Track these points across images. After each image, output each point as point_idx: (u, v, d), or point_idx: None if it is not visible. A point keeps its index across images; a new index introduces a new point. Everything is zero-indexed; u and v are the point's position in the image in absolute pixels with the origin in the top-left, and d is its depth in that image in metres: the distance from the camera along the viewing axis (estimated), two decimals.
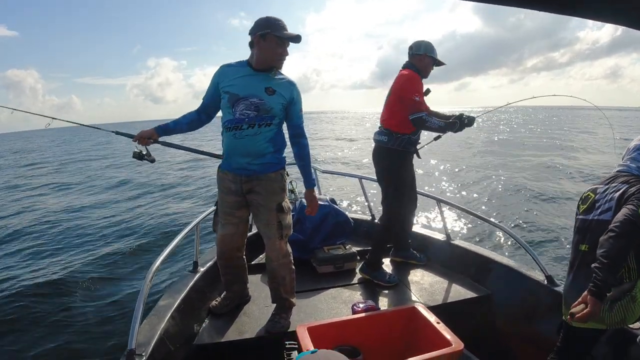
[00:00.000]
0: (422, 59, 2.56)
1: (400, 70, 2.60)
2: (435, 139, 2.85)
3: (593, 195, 1.60)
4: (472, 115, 2.50)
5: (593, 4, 0.56)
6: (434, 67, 2.64)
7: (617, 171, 1.62)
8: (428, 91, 2.60)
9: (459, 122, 2.45)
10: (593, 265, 1.31)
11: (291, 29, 1.90)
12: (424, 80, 2.58)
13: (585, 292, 1.31)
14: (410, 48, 2.61)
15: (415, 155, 2.68)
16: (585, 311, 1.27)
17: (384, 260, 2.91)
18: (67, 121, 2.71)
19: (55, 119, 2.55)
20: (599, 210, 1.53)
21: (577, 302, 1.33)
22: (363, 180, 3.68)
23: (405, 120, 2.48)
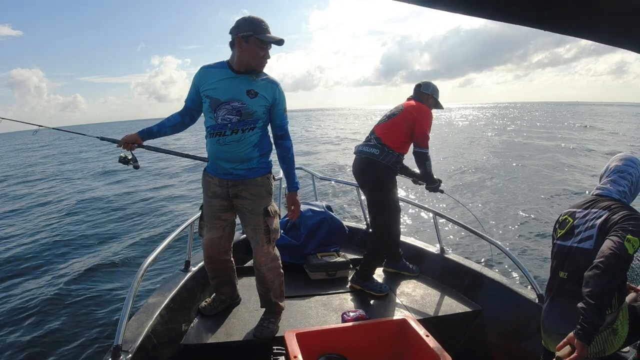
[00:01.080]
0: (428, 99, 2.73)
1: (410, 99, 2.75)
2: (413, 181, 2.90)
3: (571, 220, 1.53)
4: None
5: (590, 27, 0.57)
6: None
7: (596, 195, 1.55)
8: None
9: (438, 184, 2.76)
10: (579, 305, 1.25)
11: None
12: None
13: (572, 334, 1.25)
14: (419, 85, 2.77)
15: None
16: (572, 356, 1.21)
17: (376, 271, 2.92)
18: (53, 128, 2.79)
19: (42, 126, 2.64)
20: (579, 238, 1.47)
21: (562, 342, 1.27)
22: (359, 188, 3.68)
23: (406, 143, 2.62)
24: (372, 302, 2.48)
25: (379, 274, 2.85)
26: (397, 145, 2.58)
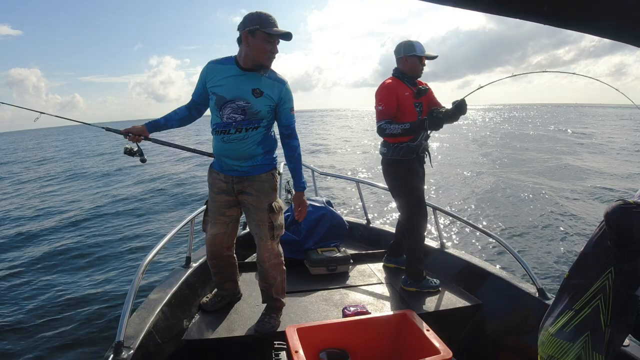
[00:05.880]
0: (405, 61, 2.43)
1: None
2: (425, 139, 2.52)
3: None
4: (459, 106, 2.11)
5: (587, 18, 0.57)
6: (426, 62, 2.48)
7: None
8: (421, 91, 2.45)
9: (429, 119, 2.17)
10: None
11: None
12: (422, 79, 2.49)
13: None
14: (394, 54, 2.49)
15: (427, 162, 2.59)
16: None
17: (374, 265, 2.93)
18: (56, 116, 2.64)
19: (43, 113, 2.50)
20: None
21: None
22: (360, 183, 3.68)
23: None
24: (372, 297, 2.49)
25: (378, 269, 2.87)
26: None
